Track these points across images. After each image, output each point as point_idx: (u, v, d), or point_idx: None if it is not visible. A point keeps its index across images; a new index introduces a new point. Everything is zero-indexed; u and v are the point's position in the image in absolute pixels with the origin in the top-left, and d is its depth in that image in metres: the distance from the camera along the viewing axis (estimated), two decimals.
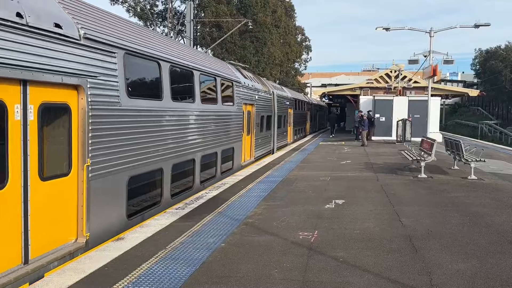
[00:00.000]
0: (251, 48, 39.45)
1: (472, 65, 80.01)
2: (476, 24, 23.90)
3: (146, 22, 37.99)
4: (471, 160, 13.02)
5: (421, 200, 9.76)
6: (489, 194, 10.57)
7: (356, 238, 6.84)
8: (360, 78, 68.97)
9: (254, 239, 6.77)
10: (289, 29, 47.97)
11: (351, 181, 12.23)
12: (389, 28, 25.74)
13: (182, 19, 35.02)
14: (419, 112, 27.69)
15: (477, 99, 75.07)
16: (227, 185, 11.51)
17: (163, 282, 5.07)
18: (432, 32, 24.05)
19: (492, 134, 54.71)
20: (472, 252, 6.20)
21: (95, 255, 5.97)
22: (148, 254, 6.02)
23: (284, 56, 45.95)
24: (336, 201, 9.58)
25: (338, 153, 20.34)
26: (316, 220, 7.90)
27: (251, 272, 5.41)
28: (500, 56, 68.77)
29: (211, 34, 37.89)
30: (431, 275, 5.32)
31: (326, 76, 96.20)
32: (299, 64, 57.87)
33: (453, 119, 71.24)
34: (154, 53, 8.58)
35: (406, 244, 6.55)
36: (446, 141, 15.80)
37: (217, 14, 36.56)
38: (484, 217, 8.19)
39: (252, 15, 37.63)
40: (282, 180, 12.40)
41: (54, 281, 5.08)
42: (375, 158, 18.07)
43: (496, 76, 66.86)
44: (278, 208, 8.86)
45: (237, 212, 8.54)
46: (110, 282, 5.07)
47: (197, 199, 9.80)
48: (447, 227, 7.52)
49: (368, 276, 5.30)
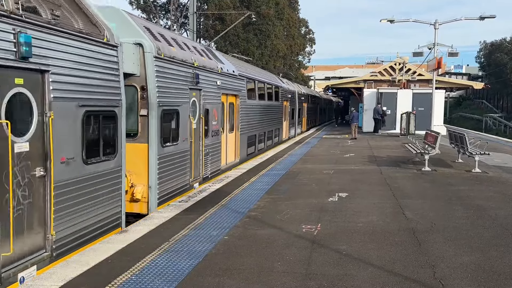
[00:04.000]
0: (254, 41, 39.27)
1: (477, 57, 79.41)
2: (481, 16, 23.65)
3: (149, 15, 37.87)
4: (476, 153, 12.97)
5: (425, 193, 9.73)
6: (493, 187, 10.53)
7: (360, 231, 6.84)
8: (364, 71, 68.66)
9: (257, 232, 6.78)
10: (293, 22, 47.66)
11: (354, 174, 12.21)
12: (393, 20, 25.52)
13: (185, 11, 34.90)
14: (423, 105, 27.55)
15: (482, 92, 74.64)
16: (231, 178, 11.51)
17: (166, 275, 5.08)
18: (437, 24, 23.84)
19: (497, 127, 54.45)
20: (476, 245, 6.19)
21: (99, 247, 6.00)
22: (151, 247, 6.03)
23: (287, 49, 45.71)
24: (340, 194, 9.57)
25: (341, 147, 20.30)
26: (319, 213, 7.90)
27: (254, 264, 5.42)
28: (505, 48, 68.21)
29: (214, 27, 37.74)
30: (434, 268, 5.31)
31: (329, 69, 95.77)
32: (302, 57, 57.58)
33: (457, 112, 70.91)
34: (252, 76, 16.69)
35: (409, 237, 6.54)
36: (450, 134, 15.73)
37: (220, 7, 36.40)
38: (488, 211, 8.16)
39: (255, 7, 37.44)
40: (286, 173, 12.40)
41: (57, 273, 5.10)
42: (378, 151, 18.03)
43: (501, 69, 66.38)
44: (281, 201, 8.86)
45: (240, 205, 8.54)
46: (113, 274, 5.09)
47: (200, 192, 9.81)
48: (451, 220, 7.50)
49: (371, 269, 5.29)
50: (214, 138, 12.04)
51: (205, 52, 12.29)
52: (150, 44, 8.48)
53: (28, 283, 4.86)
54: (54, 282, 4.85)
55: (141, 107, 8.47)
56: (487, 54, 74.47)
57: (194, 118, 10.47)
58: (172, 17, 36.36)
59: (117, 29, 7.15)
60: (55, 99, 5.52)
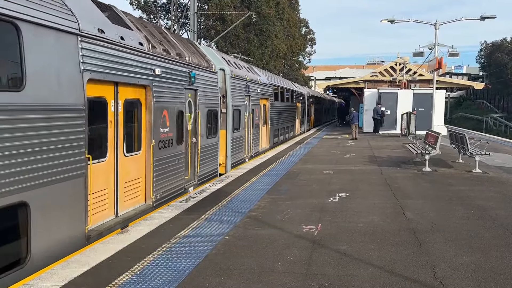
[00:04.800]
0: (255, 41, 39.26)
1: (478, 58, 79.38)
2: (482, 17, 23.64)
3: (149, 15, 37.87)
4: (476, 154, 12.96)
5: (425, 194, 9.74)
6: (493, 187, 10.53)
7: (360, 231, 6.84)
8: (364, 71, 68.68)
9: (257, 232, 6.78)
10: (293, 22, 47.66)
11: (355, 175, 12.21)
12: (394, 20, 25.52)
13: (186, 11, 34.89)
14: (423, 105, 27.55)
15: (482, 92, 74.63)
16: (231, 178, 11.52)
17: (167, 275, 5.09)
18: (438, 24, 23.84)
19: (497, 127, 54.39)
20: (476, 245, 6.19)
21: (99, 248, 6.00)
22: (152, 247, 6.04)
23: (288, 49, 45.69)
24: (340, 194, 9.57)
25: (342, 147, 20.30)
26: (319, 214, 7.90)
27: (254, 265, 5.42)
28: (505, 49, 68.16)
29: (215, 27, 37.73)
30: (435, 269, 5.31)
31: (330, 69, 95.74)
32: (303, 57, 57.57)
33: (458, 112, 70.83)
34: (276, 84, 21.45)
35: (410, 237, 6.54)
36: (450, 134, 15.73)
37: (221, 7, 36.40)
38: (488, 211, 8.16)
39: (255, 8, 37.43)
40: (286, 174, 12.40)
41: (58, 273, 5.10)
42: (379, 152, 18.03)
43: (501, 69, 66.32)
44: (282, 202, 8.86)
45: (240, 205, 8.55)
46: (114, 274, 5.09)
47: (201, 192, 9.82)
48: (452, 220, 7.50)
49: (371, 269, 5.30)
50: (256, 129, 17.22)
51: (250, 69, 17.94)
52: (228, 69, 13.62)
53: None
54: (55, 282, 4.86)
55: (222, 107, 13.19)
56: (487, 54, 74.42)
57: (246, 115, 15.52)
58: (173, 18, 36.36)
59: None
60: (200, 103, 10.68)
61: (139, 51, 7.72)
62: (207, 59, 11.89)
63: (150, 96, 8.12)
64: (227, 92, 13.29)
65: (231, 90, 13.41)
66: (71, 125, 5.86)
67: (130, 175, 7.65)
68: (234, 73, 13.86)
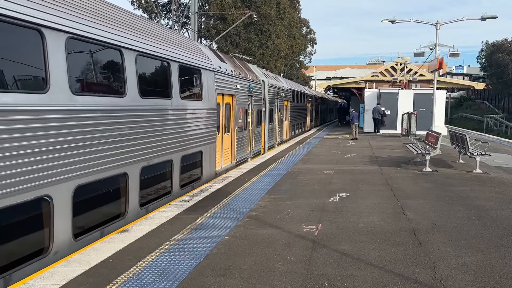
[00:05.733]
0: (255, 41, 39.24)
1: (478, 58, 79.22)
2: (483, 17, 23.58)
3: (150, 15, 37.87)
4: (477, 154, 12.96)
5: (426, 194, 9.73)
6: (494, 188, 10.52)
7: (360, 231, 6.84)
8: (365, 71, 68.61)
9: (258, 232, 6.78)
10: (294, 21, 47.59)
11: (355, 175, 12.21)
12: (395, 20, 25.46)
13: (187, 11, 34.92)
14: (424, 105, 27.53)
15: (483, 93, 74.50)
16: (231, 178, 11.52)
17: (167, 274, 5.09)
18: (438, 24, 23.80)
19: (498, 127, 54.29)
20: (477, 246, 6.19)
21: (100, 247, 6.01)
22: (152, 246, 6.04)
23: (288, 49, 45.64)
24: (341, 194, 9.57)
25: (342, 147, 20.30)
26: (320, 213, 7.90)
27: (255, 264, 5.43)
28: (507, 49, 68.05)
29: (215, 27, 37.72)
30: (435, 269, 5.31)
31: (330, 69, 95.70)
32: (304, 57, 57.56)
33: (458, 113, 70.75)
34: (293, 88, 26.84)
35: (410, 237, 6.54)
36: (451, 134, 15.72)
37: (222, 6, 36.39)
38: (489, 211, 8.16)
39: (256, 7, 37.43)
40: (286, 173, 12.40)
41: (59, 272, 5.11)
42: (379, 152, 18.02)
43: (502, 69, 66.24)
44: (282, 201, 8.86)
45: (241, 205, 8.55)
46: (114, 273, 5.09)
47: (201, 191, 9.82)
48: (452, 220, 7.50)
49: (372, 269, 5.30)
50: (281, 124, 22.52)
51: (277, 78, 23.56)
52: (267, 80, 18.61)
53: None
54: (56, 282, 4.86)
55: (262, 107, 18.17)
56: (488, 54, 74.30)
57: (276, 112, 20.67)
58: (174, 17, 36.37)
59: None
60: (253, 104, 15.77)
61: (231, 75, 13.24)
62: (255, 74, 17.34)
63: (235, 101, 13.68)
64: (265, 96, 18.20)
65: (268, 95, 18.52)
66: (214, 116, 11.49)
67: (226, 146, 13.21)
68: (269, 83, 19.04)
